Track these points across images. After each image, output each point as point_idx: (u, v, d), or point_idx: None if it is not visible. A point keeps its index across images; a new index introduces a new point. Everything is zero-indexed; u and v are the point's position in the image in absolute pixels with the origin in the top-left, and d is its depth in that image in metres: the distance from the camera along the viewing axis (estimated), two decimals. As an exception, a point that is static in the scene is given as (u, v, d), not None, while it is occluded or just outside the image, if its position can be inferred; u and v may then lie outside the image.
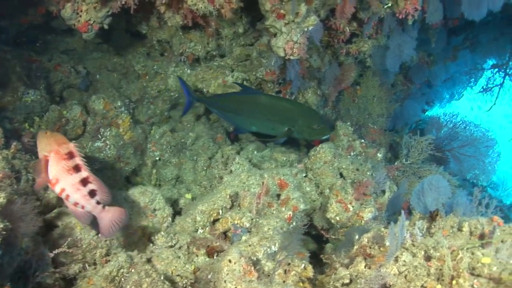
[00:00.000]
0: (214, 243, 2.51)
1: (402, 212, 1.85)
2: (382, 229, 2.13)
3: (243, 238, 2.41)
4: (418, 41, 4.00)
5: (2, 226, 1.87)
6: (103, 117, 3.61)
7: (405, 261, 1.75)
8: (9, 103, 3.55)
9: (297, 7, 3.01)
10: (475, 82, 6.04)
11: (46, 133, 2.39)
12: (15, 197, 2.18)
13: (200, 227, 2.74)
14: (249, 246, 2.23)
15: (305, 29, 3.11)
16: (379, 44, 4.00)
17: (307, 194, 3.13)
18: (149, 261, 2.39)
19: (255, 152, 3.78)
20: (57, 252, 2.23)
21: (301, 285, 2.01)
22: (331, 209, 2.96)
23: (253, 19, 3.80)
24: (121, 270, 2.28)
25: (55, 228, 2.45)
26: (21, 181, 2.49)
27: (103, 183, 2.32)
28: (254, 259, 2.13)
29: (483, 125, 4.18)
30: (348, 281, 1.92)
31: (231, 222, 2.62)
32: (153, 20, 3.91)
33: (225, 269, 2.01)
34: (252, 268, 1.99)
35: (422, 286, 1.66)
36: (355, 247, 2.10)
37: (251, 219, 2.60)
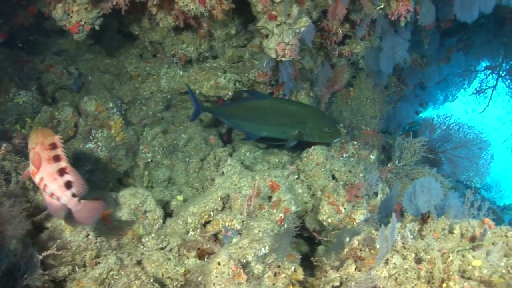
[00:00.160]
0: (204, 245, 2.50)
1: (393, 214, 1.84)
2: (373, 232, 2.12)
3: (234, 240, 2.40)
4: (411, 43, 3.99)
5: (-12, 228, 1.86)
6: (94, 118, 3.60)
7: (395, 264, 1.74)
8: (1, 104, 3.54)
9: (289, 9, 3.01)
10: (469, 84, 6.05)
11: (37, 128, 2.44)
12: (4, 199, 2.17)
13: (191, 229, 2.72)
14: (239, 248, 2.21)
15: (297, 31, 3.10)
16: (372, 45, 3.99)
17: (299, 196, 3.11)
18: (139, 263, 2.38)
19: (248, 153, 3.76)
20: (46, 254, 2.22)
21: (291, 287, 2.00)
22: (323, 211, 2.95)
23: (245, 21, 3.79)
24: (111, 272, 2.28)
25: (44, 230, 2.44)
26: (11, 183, 2.47)
27: (81, 176, 2.31)
28: (243, 261, 2.12)
29: (477, 127, 4.19)
30: (338, 284, 1.91)
31: (222, 224, 2.61)
32: (145, 21, 3.90)
33: (214, 271, 2.01)
34: (241, 270, 1.99)
35: (412, 288, 1.65)
36: (345, 250, 2.09)
37: (242, 221, 2.59)
